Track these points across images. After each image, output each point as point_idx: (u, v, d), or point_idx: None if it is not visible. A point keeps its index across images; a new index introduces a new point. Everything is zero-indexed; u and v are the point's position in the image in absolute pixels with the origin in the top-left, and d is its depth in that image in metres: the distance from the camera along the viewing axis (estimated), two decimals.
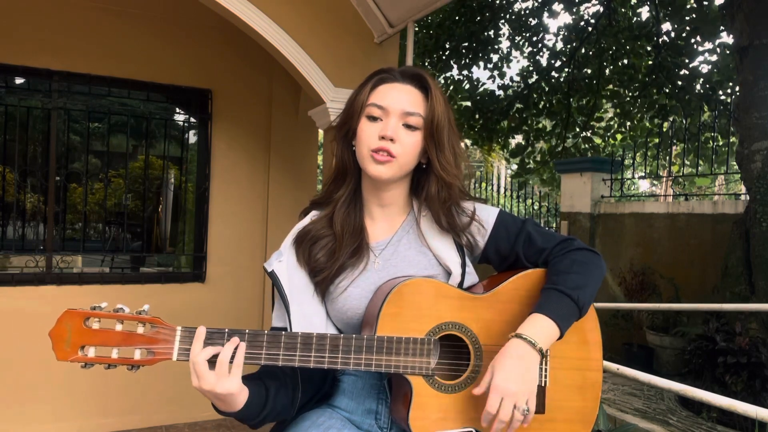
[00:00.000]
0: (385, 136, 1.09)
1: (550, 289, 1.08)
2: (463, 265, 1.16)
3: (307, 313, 1.12)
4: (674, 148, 7.80)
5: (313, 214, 1.23)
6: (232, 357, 0.97)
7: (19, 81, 3.46)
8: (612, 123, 9.51)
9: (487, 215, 1.20)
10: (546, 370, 1.13)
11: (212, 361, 0.97)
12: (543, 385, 1.12)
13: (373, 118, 1.12)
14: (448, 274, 1.15)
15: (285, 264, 1.14)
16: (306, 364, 1.01)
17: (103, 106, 3.56)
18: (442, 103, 1.15)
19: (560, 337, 1.05)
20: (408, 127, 1.12)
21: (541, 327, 1.03)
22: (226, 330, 0.99)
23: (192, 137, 3.93)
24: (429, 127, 1.13)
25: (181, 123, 3.88)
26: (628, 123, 8.81)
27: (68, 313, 0.97)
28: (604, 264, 1.16)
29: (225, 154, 3.77)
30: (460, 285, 1.15)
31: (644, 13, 8.51)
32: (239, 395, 0.99)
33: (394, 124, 1.11)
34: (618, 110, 8.80)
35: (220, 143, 3.75)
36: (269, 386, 1.08)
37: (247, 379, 1.03)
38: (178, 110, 3.91)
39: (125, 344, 0.97)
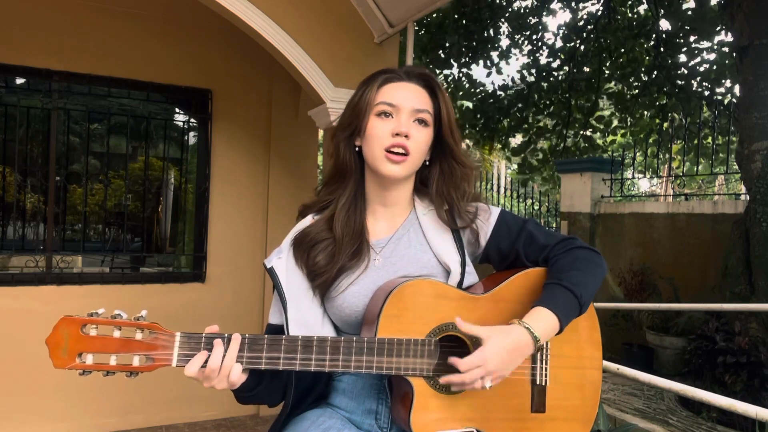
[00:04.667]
0: (400, 132, 1.11)
1: (553, 284, 1.08)
2: (463, 264, 1.16)
3: (303, 311, 1.12)
4: (674, 146, 7.80)
5: (313, 215, 1.23)
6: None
7: (19, 81, 3.47)
8: (612, 118, 9.48)
9: (489, 214, 1.21)
10: (546, 369, 1.13)
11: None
12: (543, 384, 1.12)
13: (385, 115, 1.13)
14: (448, 272, 1.15)
15: (284, 261, 1.15)
16: (307, 367, 1.01)
17: (102, 107, 3.57)
18: (449, 100, 1.18)
19: (559, 332, 1.06)
20: (419, 122, 1.14)
21: (544, 321, 1.03)
22: (226, 335, 1.00)
23: (192, 137, 3.93)
24: (446, 122, 1.17)
25: (181, 123, 3.87)
26: (629, 119, 8.79)
27: (65, 320, 0.95)
28: (605, 263, 1.16)
29: (225, 155, 3.76)
30: (460, 284, 1.15)
31: (643, 10, 8.50)
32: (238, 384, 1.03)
33: (407, 120, 1.12)
34: (619, 105, 8.78)
35: (220, 143, 3.75)
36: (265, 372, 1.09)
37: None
38: (178, 110, 3.91)
39: (124, 351, 0.96)
